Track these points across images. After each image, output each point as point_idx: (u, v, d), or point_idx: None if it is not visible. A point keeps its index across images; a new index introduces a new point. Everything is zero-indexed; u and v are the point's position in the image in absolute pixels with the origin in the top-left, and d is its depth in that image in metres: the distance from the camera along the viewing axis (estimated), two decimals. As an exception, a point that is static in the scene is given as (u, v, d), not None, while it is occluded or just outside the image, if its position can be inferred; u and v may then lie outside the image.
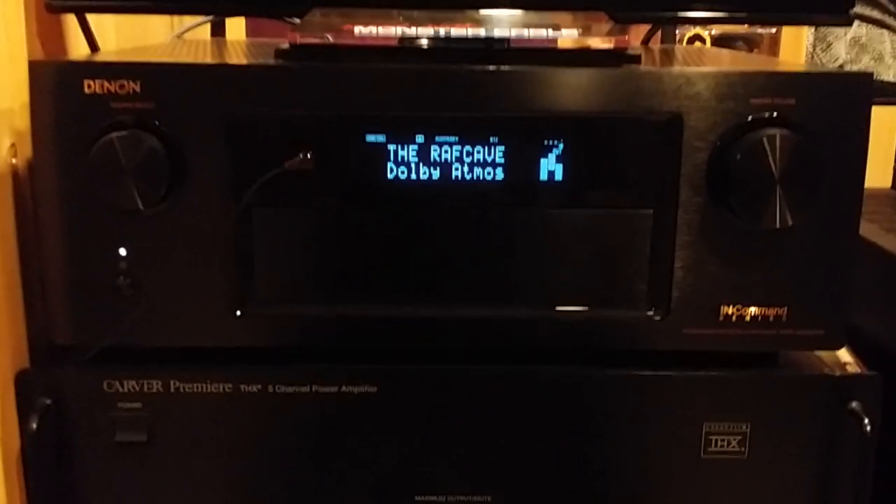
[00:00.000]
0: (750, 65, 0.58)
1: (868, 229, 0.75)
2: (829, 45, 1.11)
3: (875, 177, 0.94)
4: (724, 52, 0.68)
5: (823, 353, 0.59)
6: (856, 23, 1.16)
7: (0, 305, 0.53)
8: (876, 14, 1.21)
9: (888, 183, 0.88)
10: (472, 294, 0.55)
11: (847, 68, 1.10)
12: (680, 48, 0.69)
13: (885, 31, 1.16)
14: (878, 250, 0.70)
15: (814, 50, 1.21)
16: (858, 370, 0.60)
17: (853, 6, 0.56)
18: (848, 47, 1.13)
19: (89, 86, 0.51)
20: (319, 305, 0.55)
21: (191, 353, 0.55)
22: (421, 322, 0.55)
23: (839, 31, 1.13)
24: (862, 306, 0.70)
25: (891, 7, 1.17)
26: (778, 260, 0.53)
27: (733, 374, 0.56)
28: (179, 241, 0.53)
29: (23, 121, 0.56)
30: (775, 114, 0.51)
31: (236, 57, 0.64)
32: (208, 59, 0.63)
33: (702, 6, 0.55)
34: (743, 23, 0.60)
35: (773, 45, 0.88)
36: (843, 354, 0.63)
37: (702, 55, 0.67)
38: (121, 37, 0.73)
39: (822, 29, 0.79)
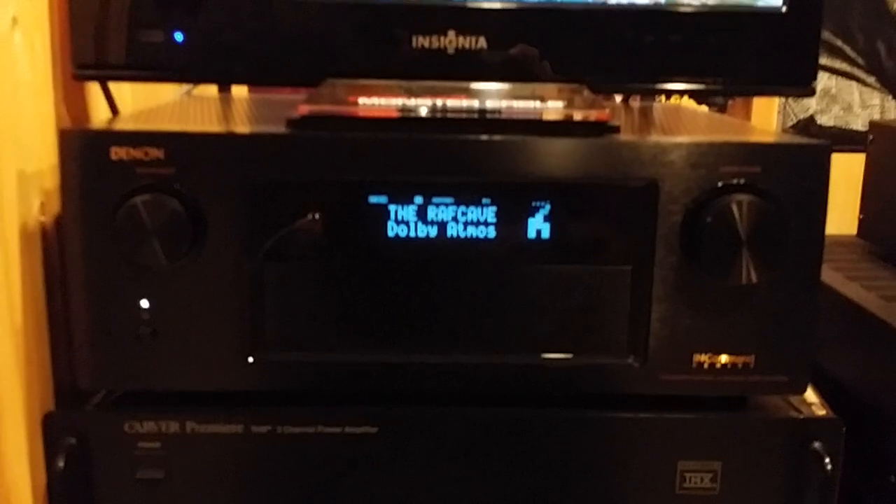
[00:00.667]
0: (721, 132, 0.63)
1: (833, 277, 0.80)
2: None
3: (842, 223, 0.98)
4: (700, 114, 0.73)
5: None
6: (826, 75, 1.23)
7: (30, 353, 0.58)
8: (845, 67, 1.27)
9: (855, 230, 0.93)
10: (466, 342, 0.60)
11: (818, 118, 1.16)
12: (658, 109, 0.74)
13: (854, 83, 1.22)
14: (842, 298, 0.75)
15: (786, 101, 1.27)
16: (823, 412, 0.64)
17: (815, 79, 0.62)
18: (818, 98, 1.19)
19: (116, 153, 0.55)
20: (325, 352, 0.59)
21: (205, 397, 0.59)
22: (418, 368, 0.60)
23: (811, 82, 1.19)
24: (828, 350, 0.75)
25: (859, 60, 1.24)
26: (746, 313, 0.58)
27: (706, 417, 0.60)
28: (197, 294, 0.57)
29: (51, 181, 0.60)
30: (742, 181, 0.56)
31: (247, 118, 0.68)
32: (219, 119, 0.67)
33: (677, 80, 0.61)
34: (716, 94, 0.65)
35: (748, 97, 0.94)
36: (810, 395, 0.67)
37: (678, 118, 0.72)
38: (136, 90, 0.77)
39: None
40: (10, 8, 0.55)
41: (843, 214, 0.98)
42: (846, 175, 0.97)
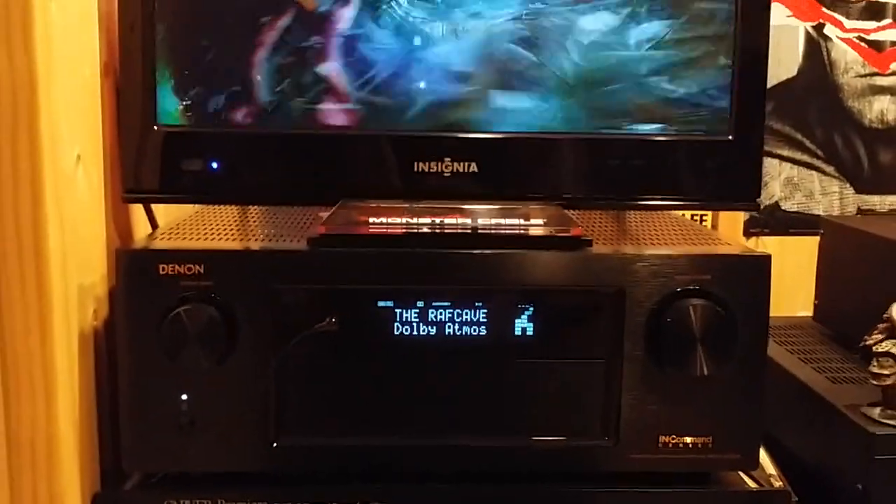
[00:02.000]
0: (681, 241, 0.73)
1: (788, 359, 0.89)
2: (765, 185, 1.28)
3: (807, 303, 1.07)
4: (667, 218, 0.83)
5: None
6: (789, 165, 1.34)
7: (82, 442, 0.66)
8: (806, 158, 1.38)
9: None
10: (463, 427, 0.68)
11: (782, 204, 1.26)
12: (630, 218, 0.84)
13: (814, 173, 1.33)
14: (795, 380, 0.83)
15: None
16: (779, 483, 0.73)
17: (759, 196, 0.72)
18: (782, 186, 1.30)
19: (163, 269, 0.65)
20: (339, 437, 0.68)
21: (234, 477, 0.68)
22: (421, 450, 0.68)
23: (774, 172, 1.30)
24: (785, 426, 0.83)
25: (818, 152, 1.35)
26: (702, 400, 0.67)
27: (671, 491, 0.69)
28: (230, 388, 0.66)
29: (101, 289, 0.70)
30: (696, 287, 0.66)
31: (268, 229, 0.78)
32: (244, 230, 0.77)
33: (642, 198, 0.71)
34: (677, 209, 0.76)
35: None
36: (769, 468, 0.76)
37: (647, 223, 0.81)
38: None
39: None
40: (75, 147, 0.64)
41: (808, 294, 1.07)
42: (809, 256, 1.06)
